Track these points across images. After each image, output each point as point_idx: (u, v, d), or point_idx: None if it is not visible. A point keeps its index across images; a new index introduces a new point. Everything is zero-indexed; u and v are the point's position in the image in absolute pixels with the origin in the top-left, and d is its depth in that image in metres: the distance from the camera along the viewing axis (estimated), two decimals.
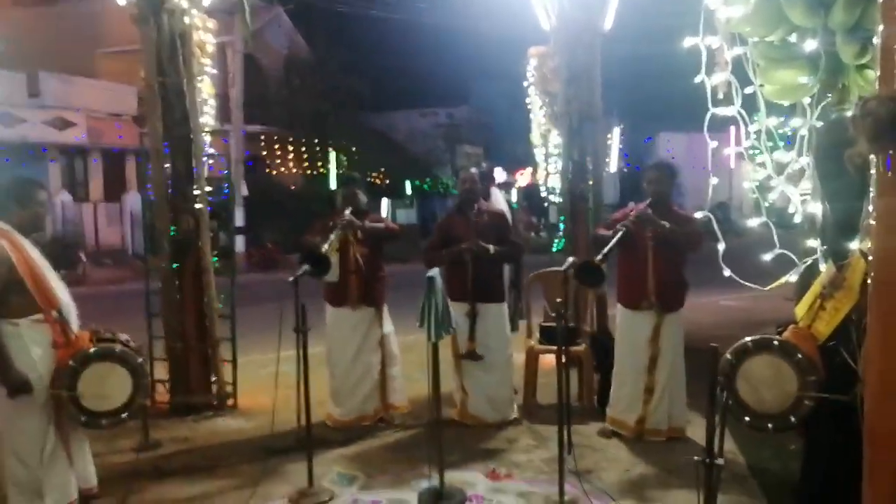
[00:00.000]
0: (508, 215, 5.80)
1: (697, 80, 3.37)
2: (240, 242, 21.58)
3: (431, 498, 3.94)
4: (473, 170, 5.48)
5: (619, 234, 4.57)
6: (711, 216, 3.92)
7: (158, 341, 5.74)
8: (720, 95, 3.45)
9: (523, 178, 25.72)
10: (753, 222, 3.95)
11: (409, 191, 28.00)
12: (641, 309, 4.82)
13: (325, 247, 4.64)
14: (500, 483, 4.27)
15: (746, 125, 3.56)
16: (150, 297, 5.74)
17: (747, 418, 3.09)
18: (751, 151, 3.91)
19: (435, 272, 4.00)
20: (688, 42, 3.34)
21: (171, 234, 5.64)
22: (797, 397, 3.00)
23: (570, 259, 4.12)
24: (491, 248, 5.21)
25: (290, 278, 4.15)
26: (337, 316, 5.41)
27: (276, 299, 4.22)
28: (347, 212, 5.25)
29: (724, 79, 3.46)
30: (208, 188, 5.69)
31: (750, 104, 3.64)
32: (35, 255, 3.65)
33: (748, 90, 3.67)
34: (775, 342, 3.08)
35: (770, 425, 3.08)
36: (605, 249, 4.41)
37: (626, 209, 5.05)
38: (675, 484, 4.12)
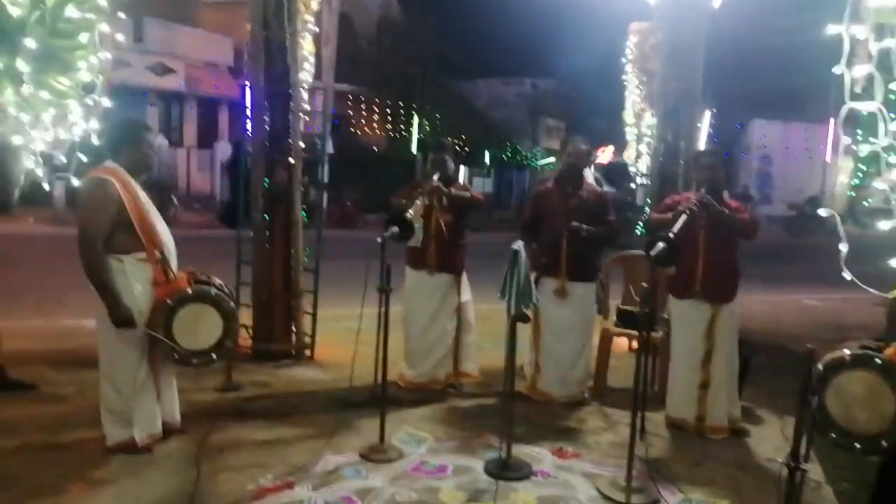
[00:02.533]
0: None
1: (837, 70, 3.17)
2: (324, 198, 21.76)
3: (498, 468, 3.99)
4: (584, 146, 5.29)
5: (685, 216, 4.37)
6: (837, 216, 3.67)
7: (245, 288, 5.83)
8: (858, 89, 3.24)
9: (604, 155, 24.65)
10: (885, 225, 3.54)
11: (487, 160, 27.61)
12: (691, 298, 4.65)
13: (411, 212, 4.57)
14: (566, 461, 4.26)
15: (886, 123, 3.34)
16: (241, 245, 5.84)
17: (833, 435, 2.93)
18: (888, 153, 3.64)
19: (520, 244, 3.96)
20: (831, 30, 3.14)
21: (266, 186, 5.71)
22: (893, 422, 2.78)
23: (661, 244, 3.99)
24: (585, 227, 5.21)
25: (379, 238, 4.07)
26: (417, 279, 5.37)
27: (358, 256, 4.21)
28: (435, 178, 5.18)
29: (867, 72, 3.22)
30: (301, 144, 5.72)
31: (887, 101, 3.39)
32: (142, 196, 3.78)
33: (893, 85, 3.42)
34: (877, 360, 2.92)
35: (858, 446, 2.92)
36: (676, 228, 4.20)
37: (676, 196, 4.94)
38: (748, 483, 4.05)
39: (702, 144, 7.95)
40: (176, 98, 19.86)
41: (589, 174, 6.35)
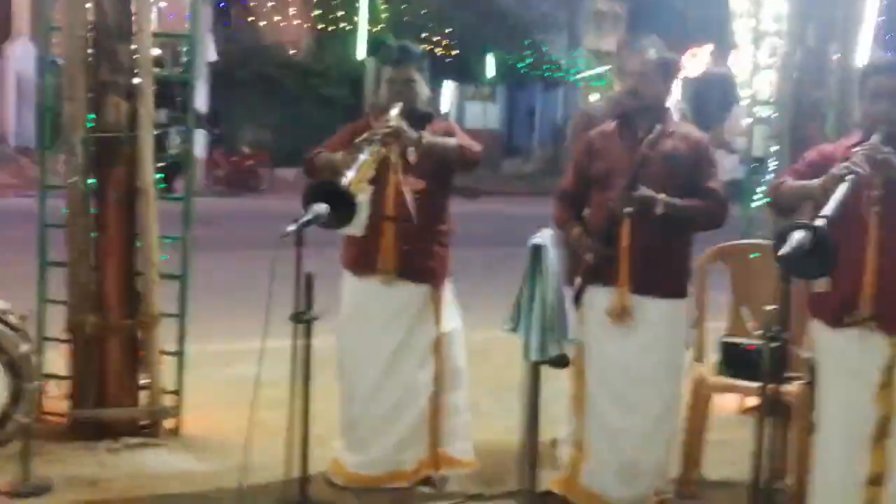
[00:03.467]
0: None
1: None
2: (199, 144, 15.01)
3: None
4: (653, 51, 3.79)
5: (845, 184, 3.00)
6: None
7: (55, 309, 4.50)
8: None
9: (694, 63, 13.98)
10: None
11: (490, 70, 20.81)
12: (854, 328, 3.37)
13: (350, 175, 3.47)
14: None
15: None
16: (47, 233, 4.54)
17: None
18: None
19: (545, 237, 3.21)
20: None
21: (89, 125, 4.33)
22: None
23: (801, 235, 2.72)
24: (663, 199, 3.61)
25: (287, 228, 3.10)
26: (362, 294, 4.07)
27: (259, 247, 3.40)
28: (394, 112, 3.89)
29: None
30: (156, 50, 4.48)
31: None
32: None
33: None
34: None
35: None
36: (830, 207, 2.92)
37: (827, 147, 3.63)
38: None
39: (869, 53, 5.33)
40: None
41: (673, 103, 4.56)
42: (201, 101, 14.36)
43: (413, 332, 4.04)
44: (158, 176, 4.53)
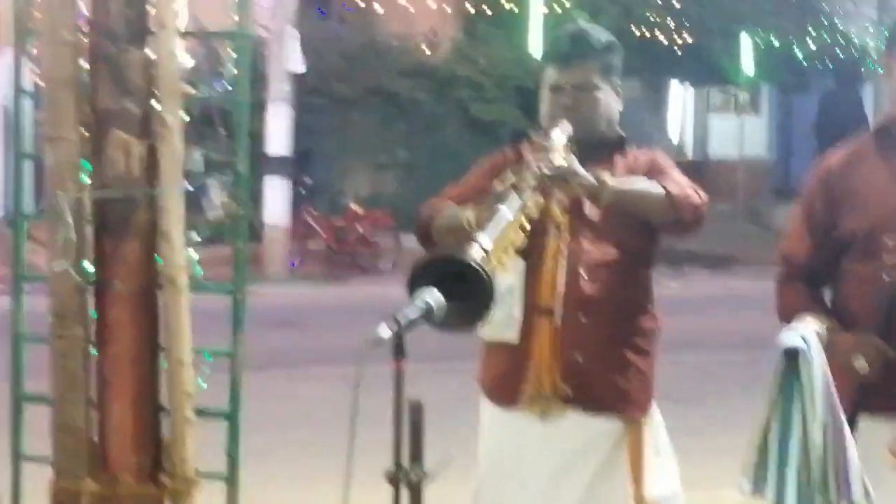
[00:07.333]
0: None
1: None
2: (276, 200, 11.38)
3: None
4: None
5: None
6: None
7: (35, 470, 3.15)
8: None
9: None
10: None
11: (748, 64, 14.30)
12: None
13: (484, 241, 2.20)
14: None
15: None
16: (23, 350, 3.18)
17: None
18: None
19: (807, 334, 2.37)
20: None
21: (83, 178, 2.92)
22: None
23: None
24: None
25: (379, 331, 2.00)
26: (511, 434, 2.81)
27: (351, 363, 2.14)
28: (558, 139, 2.60)
29: None
30: (188, 59, 2.93)
31: None
32: None
33: None
34: None
35: None
36: None
37: None
38: None
39: None
40: None
41: None
42: (279, 135, 10.45)
43: (597, 496, 2.78)
44: (190, 259, 3.12)
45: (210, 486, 3.29)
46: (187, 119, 3.02)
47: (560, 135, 2.71)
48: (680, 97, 16.89)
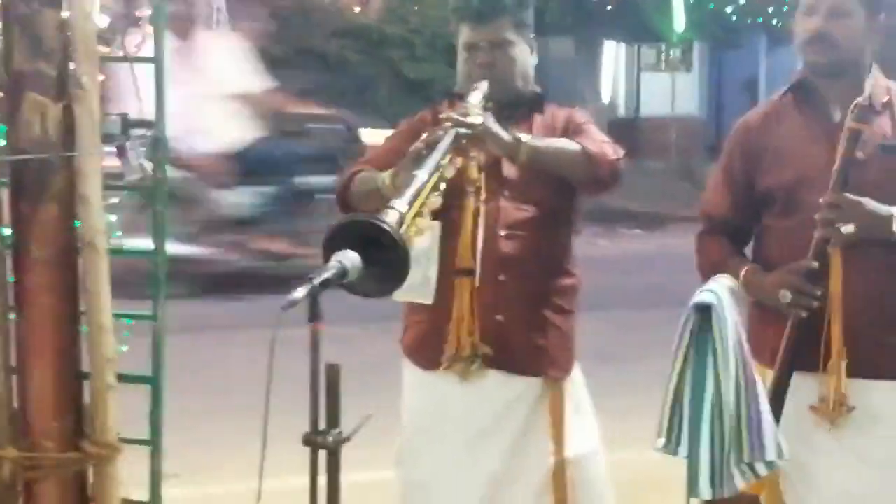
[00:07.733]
0: None
1: None
2: None
3: None
4: None
5: None
6: None
7: None
8: None
9: None
10: None
11: (680, 21, 14.26)
12: None
13: (400, 205, 2.15)
14: None
15: None
16: None
17: None
18: None
19: (720, 290, 2.36)
20: None
21: None
22: None
23: None
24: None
25: (293, 294, 1.95)
26: (433, 396, 2.83)
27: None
28: (474, 98, 2.61)
29: None
30: (104, 18, 2.83)
31: None
32: None
33: None
34: None
35: None
36: None
37: None
38: None
39: None
40: None
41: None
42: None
43: (518, 455, 2.83)
44: (111, 218, 3.12)
45: (134, 452, 3.19)
46: (103, 79, 2.99)
47: (475, 95, 2.72)
48: (612, 55, 16.60)
